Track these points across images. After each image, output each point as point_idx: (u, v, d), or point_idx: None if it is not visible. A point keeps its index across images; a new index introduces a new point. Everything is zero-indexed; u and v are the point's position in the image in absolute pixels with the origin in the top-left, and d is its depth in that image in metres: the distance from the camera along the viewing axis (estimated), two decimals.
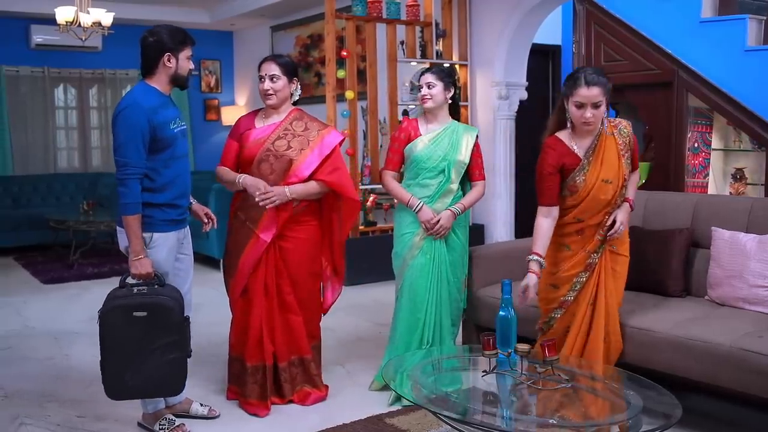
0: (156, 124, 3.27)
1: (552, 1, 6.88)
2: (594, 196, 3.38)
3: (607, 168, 3.36)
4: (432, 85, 3.93)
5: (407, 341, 3.98)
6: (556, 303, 3.51)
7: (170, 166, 3.37)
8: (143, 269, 3.30)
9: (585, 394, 3.07)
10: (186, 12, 10.24)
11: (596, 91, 3.25)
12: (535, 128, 8.33)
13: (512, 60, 7.23)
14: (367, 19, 6.95)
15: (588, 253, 3.44)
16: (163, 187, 3.36)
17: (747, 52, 4.34)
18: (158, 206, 3.36)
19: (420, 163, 3.94)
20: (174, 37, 3.36)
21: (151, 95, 3.34)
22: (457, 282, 4.04)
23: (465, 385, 3.30)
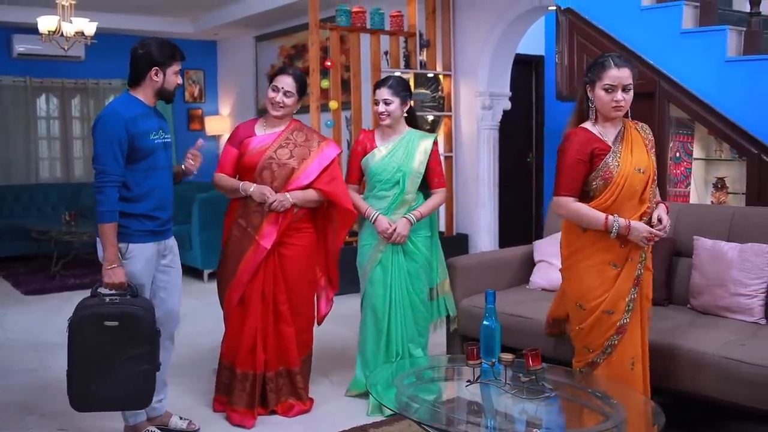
0: (134, 133, 3.27)
1: (535, 11, 6.93)
2: (630, 184, 3.09)
3: (638, 157, 3.14)
4: (389, 102, 3.91)
5: (374, 351, 4.01)
6: (613, 329, 3.16)
7: (149, 176, 3.36)
8: (116, 278, 3.25)
9: (569, 404, 3.08)
10: (170, 22, 10.22)
11: (627, 73, 3.10)
12: (518, 138, 8.42)
13: (496, 70, 7.26)
14: (350, 29, 6.96)
15: (635, 264, 3.15)
16: (140, 197, 3.34)
17: (727, 62, 4.37)
18: (134, 216, 3.33)
19: (375, 176, 3.95)
20: (163, 52, 3.36)
21: (133, 105, 3.35)
22: (420, 293, 4.02)
23: (449, 395, 3.30)
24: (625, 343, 3.16)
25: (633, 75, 3.12)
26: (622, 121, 3.21)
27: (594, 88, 3.15)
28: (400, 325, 3.97)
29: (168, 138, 3.50)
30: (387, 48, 7.39)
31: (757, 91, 4.22)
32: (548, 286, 4.43)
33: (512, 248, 4.88)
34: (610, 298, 3.13)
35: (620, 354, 3.16)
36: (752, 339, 3.39)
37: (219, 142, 11.37)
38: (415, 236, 3.96)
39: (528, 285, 4.56)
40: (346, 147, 7.67)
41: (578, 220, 3.16)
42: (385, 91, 3.92)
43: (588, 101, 3.20)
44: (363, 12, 6.98)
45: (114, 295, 3.25)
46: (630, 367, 3.15)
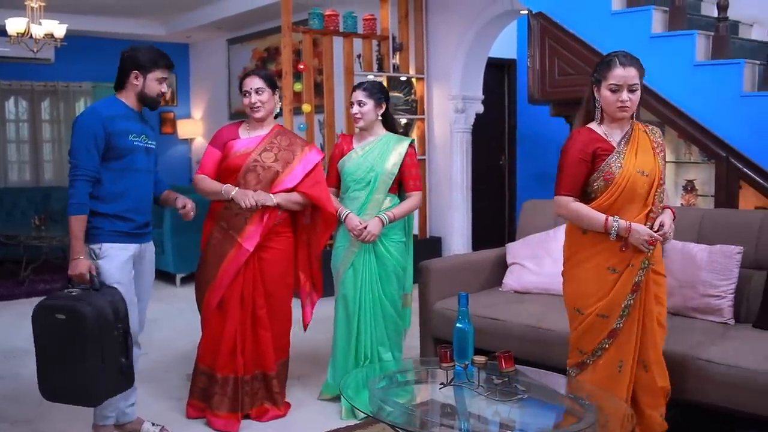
0: (112, 131, 3.31)
1: (507, 15, 6.97)
2: (631, 187, 3.00)
3: (643, 159, 3.04)
4: (363, 104, 3.95)
5: (345, 354, 4.03)
6: (606, 333, 3.11)
7: (125, 177, 3.38)
8: (76, 269, 3.25)
9: (542, 405, 3.09)
10: (141, 24, 10.14)
11: (633, 72, 3.01)
12: (491, 141, 8.46)
13: (468, 73, 7.30)
14: (323, 32, 6.95)
15: (635, 270, 3.05)
16: (113, 197, 3.36)
17: (696, 66, 4.42)
18: (106, 216, 3.35)
19: (349, 176, 3.98)
20: (147, 57, 3.41)
21: (115, 106, 3.41)
22: (390, 297, 4.02)
23: (423, 397, 3.30)
24: (615, 346, 3.11)
25: (640, 74, 3.04)
26: (630, 122, 3.12)
27: (600, 88, 3.07)
28: (369, 328, 3.97)
29: (152, 144, 3.53)
30: (360, 51, 7.39)
31: (724, 94, 4.28)
32: (520, 289, 4.45)
33: (485, 251, 4.90)
34: (607, 302, 3.08)
35: (609, 357, 3.12)
36: (721, 339, 3.43)
37: (191, 145, 11.30)
38: (387, 240, 3.97)
39: (501, 287, 4.58)
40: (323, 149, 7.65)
41: (578, 220, 3.10)
42: (360, 93, 3.96)
43: (594, 101, 3.12)
44: (336, 15, 6.99)
45: (79, 287, 3.25)
46: (617, 369, 3.11)
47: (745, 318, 3.74)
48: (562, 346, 3.72)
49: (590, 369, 3.17)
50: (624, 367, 3.11)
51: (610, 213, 3.00)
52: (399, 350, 4.11)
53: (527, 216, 4.82)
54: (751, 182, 4.16)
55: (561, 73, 5.04)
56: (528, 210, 4.86)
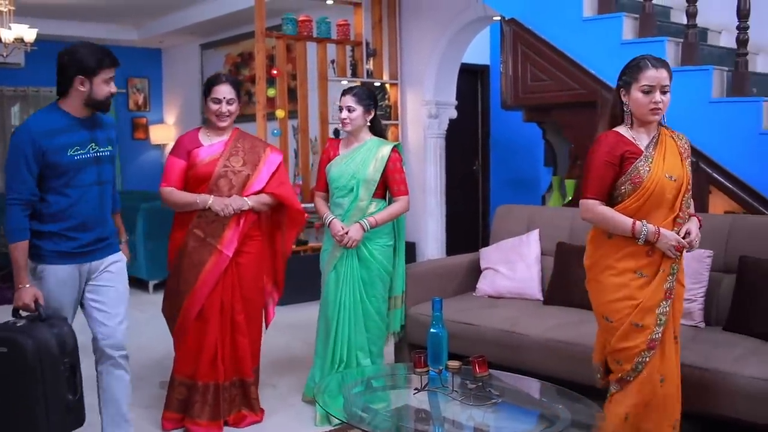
0: (47, 149, 3.00)
1: (480, 21, 7.01)
2: (660, 191, 2.90)
3: (671, 164, 2.95)
4: (352, 109, 3.95)
5: (323, 356, 4.04)
6: (645, 344, 2.94)
7: (66, 194, 3.08)
8: (20, 299, 3.01)
9: (516, 410, 3.11)
10: (113, 29, 10.07)
11: (665, 74, 2.95)
12: (464, 147, 8.49)
13: (442, 79, 7.32)
14: (297, 38, 6.95)
15: (665, 275, 2.94)
16: (54, 216, 3.08)
17: None
18: (47, 235, 3.08)
19: (333, 183, 4.00)
20: (90, 58, 3.03)
21: (51, 119, 3.07)
22: (374, 301, 4.01)
23: (397, 403, 3.30)
24: (655, 359, 2.96)
25: (671, 77, 2.98)
26: (657, 128, 3.04)
27: (629, 91, 2.98)
28: (347, 332, 3.97)
29: (104, 151, 3.20)
30: (334, 57, 7.39)
31: (693, 100, 4.33)
32: (494, 293, 4.47)
33: (459, 256, 4.92)
34: (639, 309, 2.93)
35: (650, 371, 2.96)
36: (692, 343, 3.46)
37: (164, 151, 11.23)
38: (371, 244, 3.95)
39: (474, 292, 4.60)
40: (294, 156, 7.66)
41: (605, 224, 2.99)
42: (349, 99, 3.96)
43: (621, 105, 3.04)
44: (309, 21, 6.98)
45: (26, 317, 3.02)
46: (659, 383, 2.97)
47: (716, 321, 3.78)
48: (536, 350, 3.75)
49: (633, 385, 2.98)
50: (666, 381, 2.98)
51: (637, 217, 2.92)
52: (380, 356, 4.11)
53: (500, 221, 4.84)
54: (721, 187, 4.21)
55: (533, 78, 5.07)
56: (501, 215, 4.89)
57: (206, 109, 3.83)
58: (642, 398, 2.96)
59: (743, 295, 3.59)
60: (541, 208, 4.98)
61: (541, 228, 4.56)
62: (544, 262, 4.46)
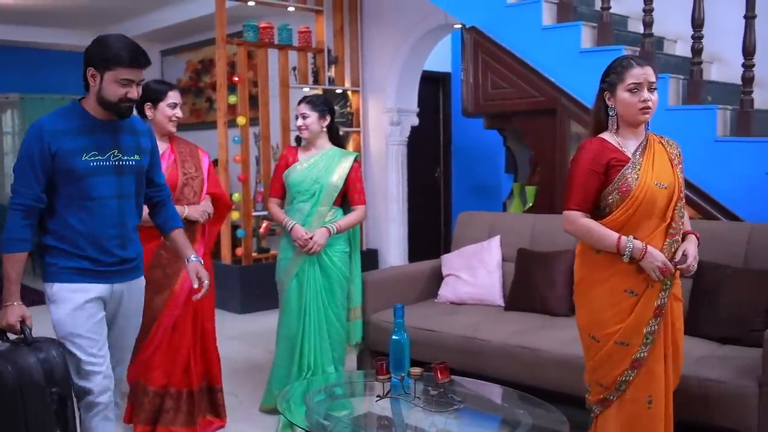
0: (57, 150, 2.64)
1: (441, 29, 7.05)
2: (650, 200, 2.71)
3: (660, 171, 2.77)
4: (306, 116, 3.99)
5: (287, 365, 4.01)
6: (627, 363, 2.78)
7: (78, 206, 2.70)
8: (4, 319, 2.64)
9: (478, 415, 3.13)
10: (71, 34, 9.92)
11: (650, 70, 2.77)
12: (426, 154, 8.52)
13: (404, 86, 7.35)
14: (258, 44, 6.92)
15: (656, 291, 2.75)
16: (64, 231, 2.71)
17: None
18: (58, 251, 2.72)
19: (294, 187, 3.99)
20: (107, 51, 2.65)
21: (68, 117, 2.71)
22: (335, 308, 4.01)
23: (360, 410, 3.30)
24: (641, 379, 2.78)
25: (656, 74, 2.82)
26: (644, 134, 2.85)
27: (615, 93, 2.79)
28: (313, 341, 3.96)
29: (129, 160, 2.79)
30: (295, 64, 7.38)
31: None
32: (456, 300, 4.49)
33: (420, 263, 4.93)
34: (626, 328, 2.76)
35: (635, 391, 2.79)
36: None
37: None
38: (331, 251, 3.96)
39: (436, 299, 4.61)
40: (255, 163, 7.61)
41: (588, 237, 2.79)
42: (303, 106, 4.02)
43: (606, 110, 2.85)
44: (271, 27, 6.96)
45: (7, 342, 2.66)
46: (647, 405, 2.79)
47: None
48: (497, 356, 3.77)
49: (615, 406, 2.84)
50: (655, 403, 2.79)
51: (626, 229, 2.73)
52: (342, 363, 4.10)
53: (462, 227, 4.87)
54: None
55: (494, 86, 5.11)
56: (463, 221, 4.92)
57: (157, 116, 3.63)
58: (625, 419, 2.82)
59: (700, 299, 3.65)
60: (502, 215, 5.02)
61: (502, 234, 4.60)
62: (506, 268, 4.49)
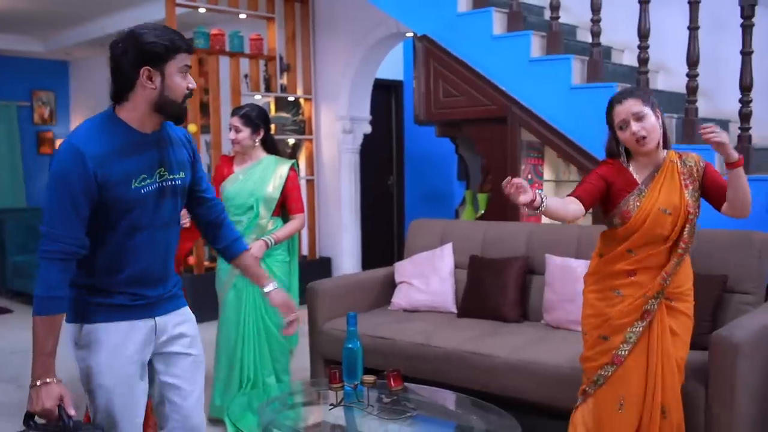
0: (105, 180, 2.14)
1: (393, 37, 7.09)
2: (650, 227, 2.82)
3: (668, 196, 2.83)
4: (239, 130, 3.90)
5: (226, 377, 3.98)
6: (608, 357, 2.85)
7: (120, 240, 2.24)
8: (40, 403, 2.09)
9: (431, 422, 3.13)
10: (18, 40, 9.75)
11: (632, 102, 2.83)
12: (379, 161, 8.54)
13: (356, 94, 7.36)
14: (209, 51, 6.87)
15: (645, 299, 2.82)
16: (100, 268, 2.25)
17: (572, 89, 4.61)
18: (92, 289, 2.27)
19: (230, 200, 3.92)
20: (161, 41, 2.17)
21: (107, 134, 2.19)
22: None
23: (314, 419, 3.29)
24: (618, 377, 2.84)
25: (644, 100, 2.84)
26: (661, 157, 2.90)
27: (615, 131, 2.92)
28: (252, 352, 3.94)
29: (176, 179, 2.34)
30: (247, 71, 7.34)
31: (599, 115, 4.45)
32: (409, 307, 4.50)
33: (373, 270, 4.93)
34: (608, 322, 2.86)
35: (609, 389, 2.86)
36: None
37: None
38: (270, 260, 3.92)
39: (389, 306, 4.61)
40: (206, 171, 7.54)
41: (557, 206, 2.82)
42: (236, 120, 3.90)
43: (616, 143, 2.95)
44: (222, 34, 6.92)
45: (45, 427, 2.14)
46: (617, 407, 2.84)
47: None
48: (451, 362, 3.78)
49: (590, 400, 2.93)
50: (626, 407, 2.83)
51: (630, 243, 2.85)
52: (286, 372, 4.07)
53: (414, 235, 4.88)
54: None
55: (446, 94, 5.15)
56: (415, 229, 4.93)
57: None
58: (596, 418, 2.89)
59: None
60: (454, 222, 5.05)
61: (454, 241, 4.62)
62: (458, 275, 4.51)
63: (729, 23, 4.36)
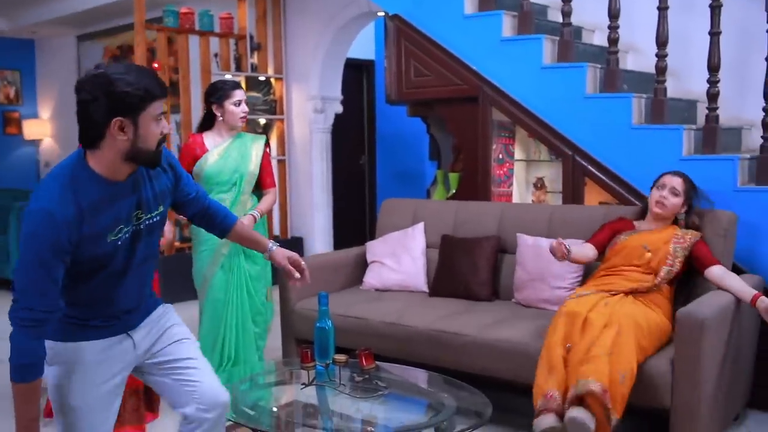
0: (78, 240, 2.05)
1: (365, 17, 7.05)
2: (628, 254, 3.52)
3: (653, 239, 3.51)
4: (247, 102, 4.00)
5: (210, 357, 3.95)
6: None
7: (107, 284, 2.21)
8: None
9: (403, 400, 3.16)
10: None
11: (678, 180, 3.58)
12: (351, 141, 8.52)
13: (327, 74, 7.33)
14: (179, 30, 6.79)
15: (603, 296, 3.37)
16: (71, 304, 2.16)
17: (543, 69, 4.62)
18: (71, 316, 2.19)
19: (212, 179, 3.89)
20: (132, 86, 2.02)
21: (78, 194, 2.05)
22: (260, 294, 4.01)
23: (286, 399, 3.30)
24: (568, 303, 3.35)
25: (686, 188, 3.60)
26: (669, 227, 3.59)
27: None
28: (236, 330, 3.93)
29: (154, 216, 2.26)
30: (217, 50, 7.27)
31: (569, 95, 4.50)
32: (381, 286, 4.51)
33: (345, 250, 4.94)
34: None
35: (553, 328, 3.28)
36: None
37: (39, 147, 10.76)
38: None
39: (361, 286, 4.62)
40: (177, 151, 7.48)
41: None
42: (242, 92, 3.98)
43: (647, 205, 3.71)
44: (192, 13, 6.84)
45: None
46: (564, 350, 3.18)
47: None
48: (422, 341, 3.81)
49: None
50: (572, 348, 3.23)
51: (608, 266, 3.57)
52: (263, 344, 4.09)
53: (386, 214, 4.89)
54: (595, 179, 4.39)
55: (417, 74, 5.14)
56: (387, 208, 4.94)
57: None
58: None
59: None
60: (425, 202, 5.06)
61: (425, 221, 4.64)
62: (430, 255, 4.53)
63: (698, 3, 4.39)
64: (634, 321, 3.17)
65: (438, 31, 5.06)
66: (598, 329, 3.14)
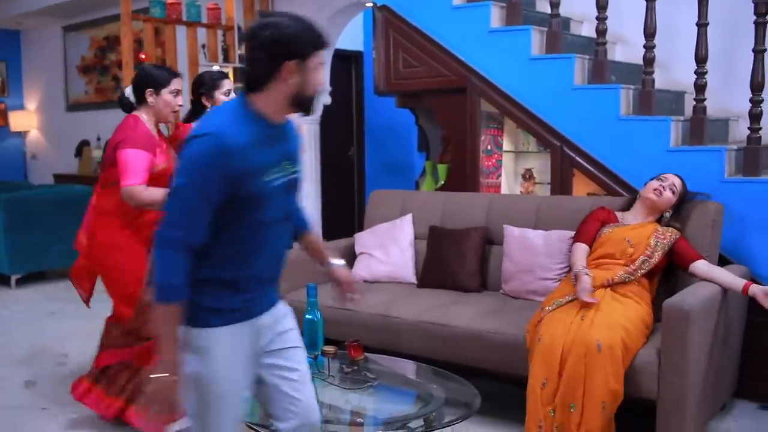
0: (241, 173, 2.03)
1: (353, 7, 7.02)
2: (611, 247, 3.54)
3: (636, 234, 3.54)
4: None
5: None
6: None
7: (244, 235, 2.13)
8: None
9: (392, 391, 3.17)
10: None
11: (679, 181, 3.66)
12: (339, 132, 8.51)
13: None
14: (166, 21, 6.74)
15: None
16: (217, 263, 2.13)
17: (531, 60, 4.62)
18: (203, 285, 2.11)
19: None
20: (303, 32, 2.14)
21: (243, 124, 2.07)
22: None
23: None
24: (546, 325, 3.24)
25: (685, 191, 3.68)
26: (652, 220, 3.65)
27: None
28: None
29: (295, 172, 2.26)
30: (205, 41, 7.24)
31: (557, 87, 4.50)
32: (369, 278, 4.51)
33: (334, 241, 4.93)
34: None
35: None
36: None
37: (26, 138, 10.69)
38: None
39: None
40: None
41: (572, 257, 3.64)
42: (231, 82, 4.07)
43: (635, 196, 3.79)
44: (179, 3, 6.79)
45: None
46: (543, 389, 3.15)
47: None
48: (411, 333, 3.81)
49: None
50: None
51: (594, 263, 3.54)
52: None
53: (374, 206, 4.89)
54: (583, 170, 4.40)
55: (405, 65, 5.14)
56: (375, 200, 4.94)
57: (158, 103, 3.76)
58: None
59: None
60: (414, 193, 5.06)
61: (414, 212, 4.64)
62: (418, 246, 4.54)
63: None
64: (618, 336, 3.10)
65: (426, 22, 5.05)
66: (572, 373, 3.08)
